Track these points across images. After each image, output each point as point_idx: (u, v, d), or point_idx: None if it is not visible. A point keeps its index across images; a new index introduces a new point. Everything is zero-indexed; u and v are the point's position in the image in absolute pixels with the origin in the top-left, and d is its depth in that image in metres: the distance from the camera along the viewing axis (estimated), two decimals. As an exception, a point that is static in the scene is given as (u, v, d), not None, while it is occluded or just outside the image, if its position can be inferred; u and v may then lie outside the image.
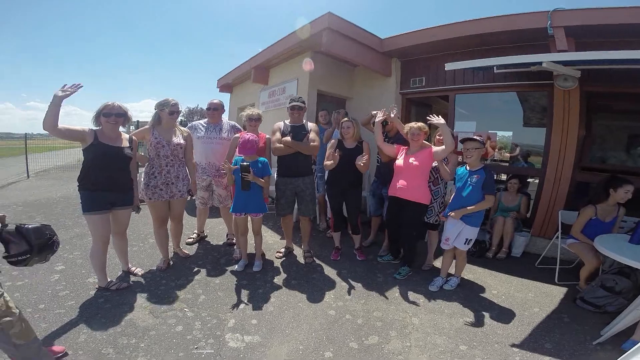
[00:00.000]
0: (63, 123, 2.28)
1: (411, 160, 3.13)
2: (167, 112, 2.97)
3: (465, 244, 3.01)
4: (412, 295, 2.98)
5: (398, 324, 2.51)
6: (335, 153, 3.25)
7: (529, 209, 4.38)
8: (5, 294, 1.57)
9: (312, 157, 3.60)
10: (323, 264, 3.57)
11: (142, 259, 3.45)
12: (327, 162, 3.41)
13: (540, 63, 3.28)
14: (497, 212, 4.31)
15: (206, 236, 4.22)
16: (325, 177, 3.82)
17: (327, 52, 4.55)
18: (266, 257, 3.64)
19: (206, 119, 3.75)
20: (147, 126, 3.02)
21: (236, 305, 2.65)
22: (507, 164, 5.05)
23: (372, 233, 4.23)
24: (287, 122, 3.43)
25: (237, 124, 3.91)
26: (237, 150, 3.10)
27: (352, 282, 3.18)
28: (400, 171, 3.21)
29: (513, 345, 2.31)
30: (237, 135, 3.47)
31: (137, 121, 10.35)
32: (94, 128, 2.53)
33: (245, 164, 2.94)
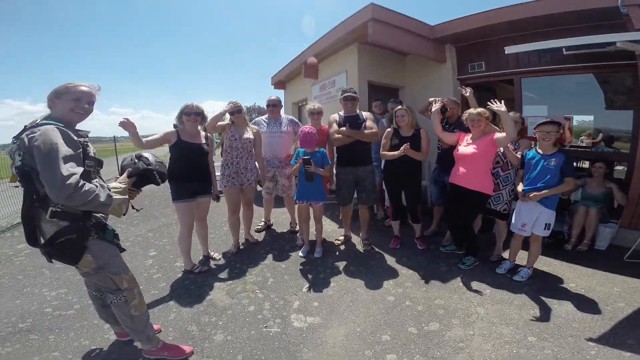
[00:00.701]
0: (140, 126, 2.60)
1: (472, 147, 3.00)
2: (229, 113, 3.38)
3: (545, 229, 2.83)
4: (477, 285, 2.88)
5: (461, 313, 2.47)
6: (403, 149, 3.20)
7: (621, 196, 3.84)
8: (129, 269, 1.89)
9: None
10: (382, 252, 3.62)
11: (218, 244, 3.88)
12: (386, 153, 3.41)
13: (614, 43, 2.91)
14: (580, 201, 3.86)
15: (272, 224, 4.54)
16: (382, 166, 3.83)
17: (374, 43, 4.46)
18: (326, 245, 3.79)
19: (267, 115, 4.01)
20: (228, 121, 3.44)
21: (300, 289, 2.86)
22: (588, 150, 4.50)
23: (434, 222, 4.12)
24: (342, 113, 3.50)
25: (294, 118, 4.14)
26: (298, 143, 3.30)
27: (413, 270, 3.18)
28: (460, 158, 3.09)
29: (589, 340, 2.15)
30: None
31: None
32: (175, 127, 2.91)
33: (306, 157, 3.11)
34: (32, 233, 1.61)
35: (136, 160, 1.91)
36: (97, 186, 1.51)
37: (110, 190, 1.60)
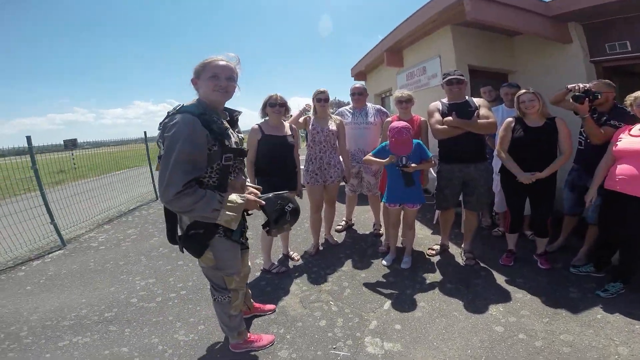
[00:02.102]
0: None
1: None
2: (316, 100, 3.16)
3: None
4: (621, 319, 2.14)
5: (596, 353, 1.87)
6: (531, 178, 2.56)
7: None
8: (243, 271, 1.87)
9: (486, 140, 3.00)
10: (489, 269, 2.93)
11: (298, 243, 3.71)
12: (504, 156, 2.75)
13: None
14: None
15: (354, 224, 4.20)
16: (495, 164, 3.13)
17: (475, 21, 3.70)
18: (416, 254, 3.27)
19: (351, 105, 3.69)
20: (309, 115, 3.26)
21: (380, 305, 2.45)
22: None
23: (562, 235, 3.19)
24: (445, 100, 2.92)
25: (382, 108, 3.72)
26: (389, 142, 2.76)
27: (531, 295, 2.49)
28: (625, 156, 2.27)
29: None
30: (389, 119, 3.30)
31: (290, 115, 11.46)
32: (259, 122, 2.83)
33: (403, 164, 2.65)
34: (172, 229, 1.62)
35: (280, 205, 1.76)
36: (204, 195, 1.41)
37: (222, 204, 1.46)
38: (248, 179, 1.84)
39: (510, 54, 4.82)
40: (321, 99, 3.12)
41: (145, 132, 7.17)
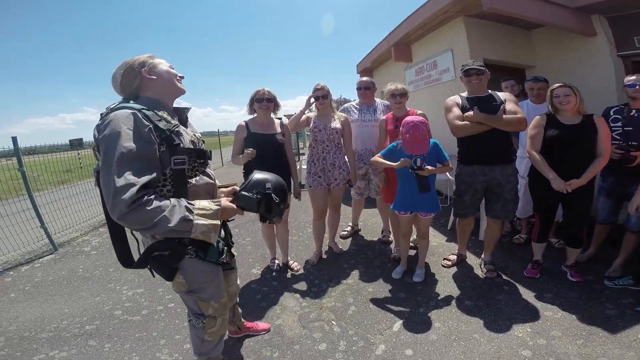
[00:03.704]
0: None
1: None
2: (314, 97, 2.92)
3: None
4: None
5: None
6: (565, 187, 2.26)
7: None
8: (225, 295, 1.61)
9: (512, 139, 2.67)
10: (512, 282, 2.62)
11: (299, 250, 3.46)
12: (538, 160, 2.40)
13: None
14: None
15: (360, 230, 3.92)
16: (519, 165, 2.84)
17: (491, 11, 3.43)
18: (429, 264, 2.98)
19: (357, 101, 3.42)
20: (311, 113, 3.05)
21: (389, 326, 2.17)
22: None
23: (593, 245, 2.87)
24: (464, 94, 2.61)
25: None
26: (402, 142, 2.43)
27: (562, 312, 2.21)
28: None
29: None
30: (383, 117, 3.03)
31: (283, 116, 11.30)
32: (246, 119, 2.66)
33: (417, 165, 2.33)
34: (124, 250, 1.30)
35: (259, 195, 1.41)
36: (169, 205, 1.11)
37: (193, 213, 1.15)
38: (217, 181, 1.52)
39: (529, 47, 4.52)
40: (319, 96, 2.87)
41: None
